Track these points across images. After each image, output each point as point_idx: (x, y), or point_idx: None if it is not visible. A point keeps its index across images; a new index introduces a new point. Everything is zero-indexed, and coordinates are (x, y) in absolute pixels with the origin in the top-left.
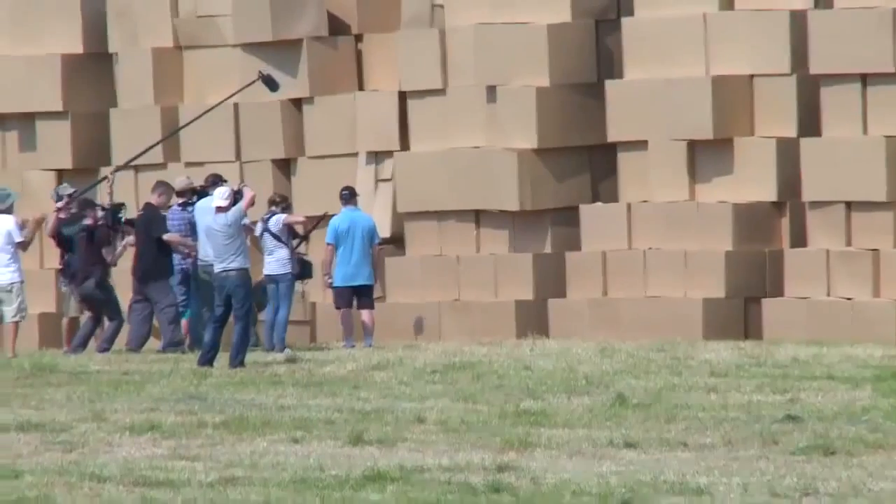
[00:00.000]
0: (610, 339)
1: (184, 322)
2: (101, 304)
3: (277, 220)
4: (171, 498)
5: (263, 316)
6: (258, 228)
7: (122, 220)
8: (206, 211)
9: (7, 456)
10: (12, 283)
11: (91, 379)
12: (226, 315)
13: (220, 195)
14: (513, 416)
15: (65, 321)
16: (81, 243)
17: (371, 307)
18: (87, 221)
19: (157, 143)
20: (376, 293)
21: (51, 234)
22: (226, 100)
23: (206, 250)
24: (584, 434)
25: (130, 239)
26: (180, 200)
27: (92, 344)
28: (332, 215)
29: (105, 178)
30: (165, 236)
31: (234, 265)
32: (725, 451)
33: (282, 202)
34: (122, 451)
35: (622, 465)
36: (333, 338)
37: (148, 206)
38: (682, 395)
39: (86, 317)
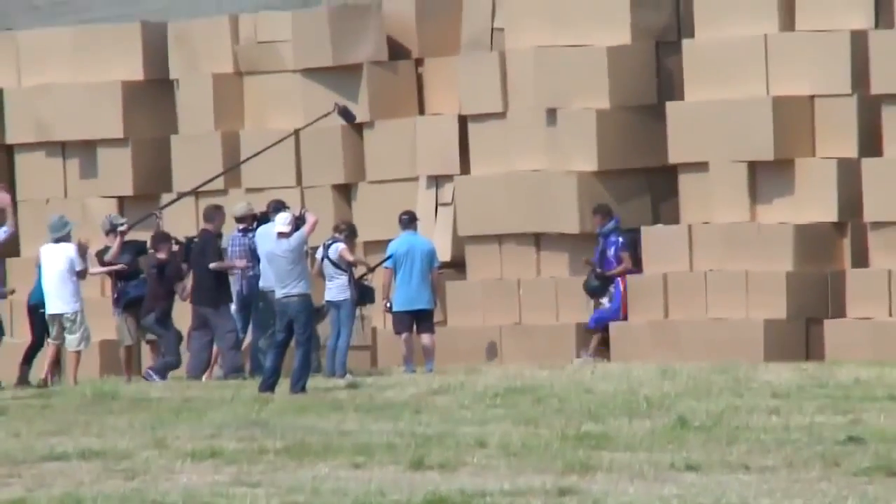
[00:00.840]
0: (671, 361)
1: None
2: (160, 339)
3: (336, 248)
4: None
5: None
6: (318, 254)
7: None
8: (267, 237)
9: (69, 484)
10: (75, 312)
11: (152, 406)
12: (287, 340)
13: (282, 221)
14: (574, 439)
15: (122, 350)
16: (151, 277)
17: (431, 331)
18: (161, 255)
19: (216, 178)
20: (436, 317)
21: (109, 261)
22: (299, 130)
23: (268, 276)
24: (645, 457)
25: None
26: (241, 226)
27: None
28: (387, 259)
29: (152, 214)
30: (211, 265)
31: (295, 290)
32: (787, 474)
33: (345, 230)
34: (184, 478)
35: (683, 487)
36: (394, 362)
37: (204, 231)
38: (743, 416)
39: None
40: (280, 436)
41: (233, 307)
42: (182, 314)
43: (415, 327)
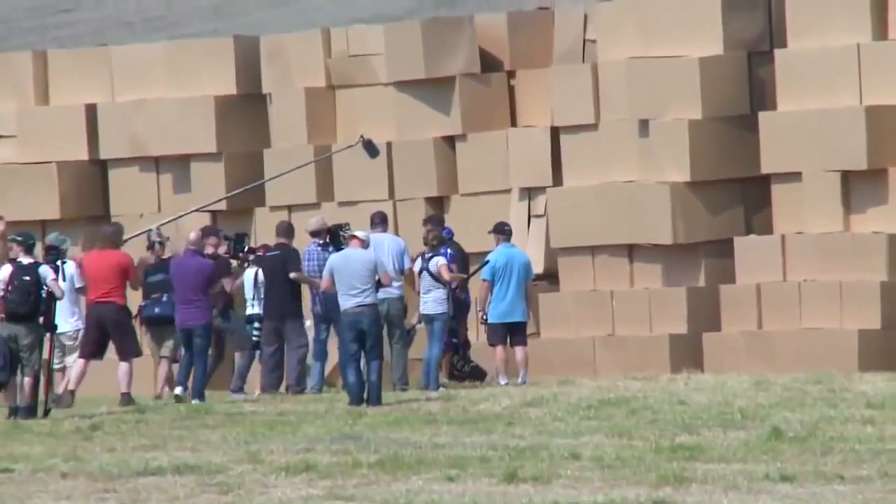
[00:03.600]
0: (765, 371)
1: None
2: (231, 334)
3: (436, 263)
4: None
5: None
6: (417, 266)
7: (245, 249)
8: (377, 246)
9: (164, 499)
10: (77, 331)
11: (246, 420)
12: (360, 351)
13: (360, 231)
14: (668, 451)
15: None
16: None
17: (525, 344)
18: (209, 250)
19: (232, 195)
20: (530, 329)
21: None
22: (320, 159)
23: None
24: (739, 468)
25: (239, 282)
26: (318, 241)
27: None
28: (479, 268)
29: (150, 230)
30: (292, 275)
31: (368, 301)
32: (882, 484)
33: (439, 245)
34: (278, 492)
35: (778, 499)
36: (488, 375)
37: (282, 245)
38: (838, 427)
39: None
40: (374, 449)
41: (307, 323)
42: None
43: (508, 339)
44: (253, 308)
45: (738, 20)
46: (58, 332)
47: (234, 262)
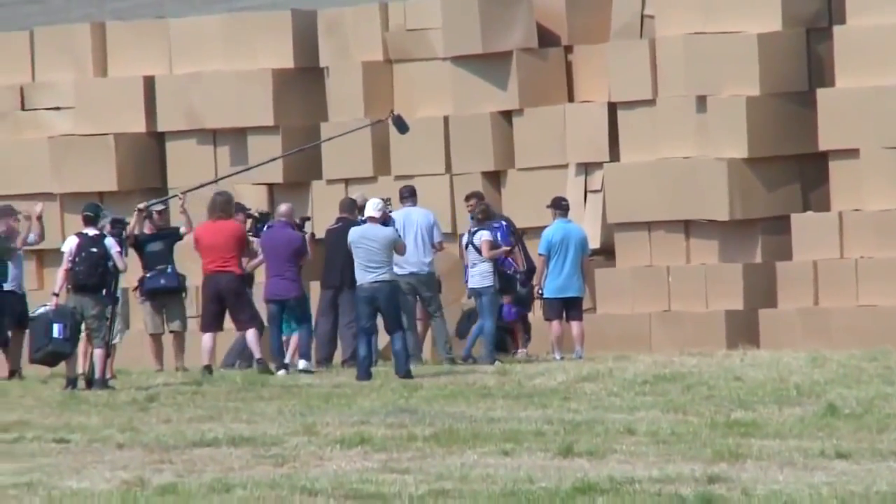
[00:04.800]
0: (821, 348)
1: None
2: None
3: (480, 236)
4: None
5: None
6: (464, 240)
7: (265, 229)
8: (406, 220)
9: (219, 470)
10: None
11: (302, 392)
12: (373, 327)
13: (373, 206)
14: (723, 426)
15: (149, 340)
16: None
17: (580, 319)
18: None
19: (259, 165)
20: (586, 304)
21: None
22: (333, 138)
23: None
24: (795, 445)
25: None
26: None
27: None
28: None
29: (177, 195)
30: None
31: (384, 277)
32: None
33: (484, 220)
34: (333, 465)
35: (834, 475)
36: (543, 349)
37: (343, 219)
38: (894, 404)
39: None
40: (429, 423)
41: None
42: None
43: (564, 314)
44: None
45: None
46: None
47: (253, 241)
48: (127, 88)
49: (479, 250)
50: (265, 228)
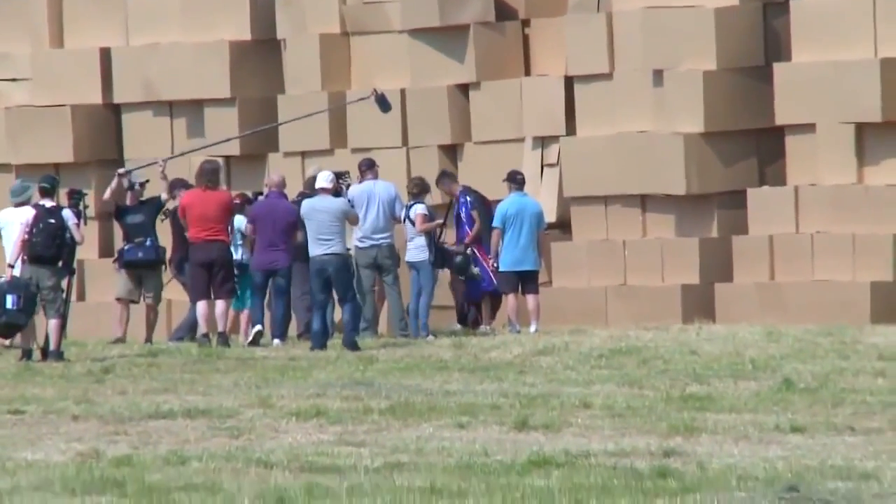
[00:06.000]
0: (777, 323)
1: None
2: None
3: (415, 210)
4: (337, 483)
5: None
6: (400, 215)
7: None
8: (370, 193)
9: (174, 442)
10: None
11: (258, 365)
12: (327, 300)
13: (324, 178)
14: (678, 400)
15: (117, 304)
16: (172, 226)
17: (536, 292)
18: (178, 203)
19: (228, 140)
20: (542, 278)
21: (105, 213)
22: (323, 111)
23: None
24: (750, 419)
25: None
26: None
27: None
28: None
29: (156, 162)
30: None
31: (334, 249)
32: (893, 436)
33: (420, 193)
34: (289, 437)
35: (788, 449)
36: (499, 323)
37: (303, 194)
38: (849, 379)
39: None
40: (384, 395)
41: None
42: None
43: (520, 288)
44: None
45: None
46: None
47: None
48: (83, 60)
49: (414, 224)
50: (256, 199)
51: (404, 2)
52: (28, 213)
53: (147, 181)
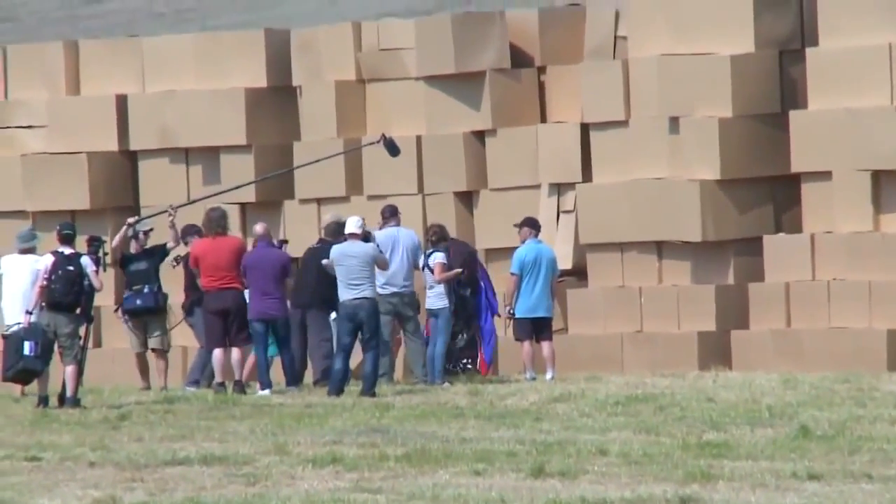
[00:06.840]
0: (793, 370)
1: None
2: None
3: (434, 258)
4: None
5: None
6: (420, 263)
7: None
8: (393, 240)
9: (191, 489)
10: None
11: (274, 412)
12: (353, 344)
13: (353, 223)
14: (695, 448)
15: (135, 358)
16: (185, 272)
17: (551, 339)
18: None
19: (239, 186)
20: (558, 324)
21: (116, 261)
22: (333, 156)
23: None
24: (767, 466)
25: None
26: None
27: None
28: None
29: (166, 211)
30: (324, 262)
31: (366, 294)
32: None
33: (439, 241)
34: (305, 484)
35: (805, 497)
36: (515, 370)
37: (324, 241)
38: (866, 426)
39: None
40: (401, 442)
41: (332, 315)
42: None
43: (534, 335)
44: None
45: (769, 18)
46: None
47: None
48: (100, 107)
49: (434, 272)
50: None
51: (420, 49)
52: (30, 261)
53: (152, 229)
